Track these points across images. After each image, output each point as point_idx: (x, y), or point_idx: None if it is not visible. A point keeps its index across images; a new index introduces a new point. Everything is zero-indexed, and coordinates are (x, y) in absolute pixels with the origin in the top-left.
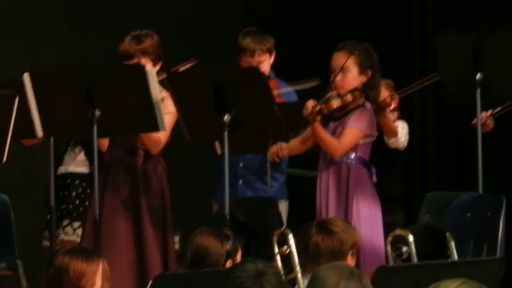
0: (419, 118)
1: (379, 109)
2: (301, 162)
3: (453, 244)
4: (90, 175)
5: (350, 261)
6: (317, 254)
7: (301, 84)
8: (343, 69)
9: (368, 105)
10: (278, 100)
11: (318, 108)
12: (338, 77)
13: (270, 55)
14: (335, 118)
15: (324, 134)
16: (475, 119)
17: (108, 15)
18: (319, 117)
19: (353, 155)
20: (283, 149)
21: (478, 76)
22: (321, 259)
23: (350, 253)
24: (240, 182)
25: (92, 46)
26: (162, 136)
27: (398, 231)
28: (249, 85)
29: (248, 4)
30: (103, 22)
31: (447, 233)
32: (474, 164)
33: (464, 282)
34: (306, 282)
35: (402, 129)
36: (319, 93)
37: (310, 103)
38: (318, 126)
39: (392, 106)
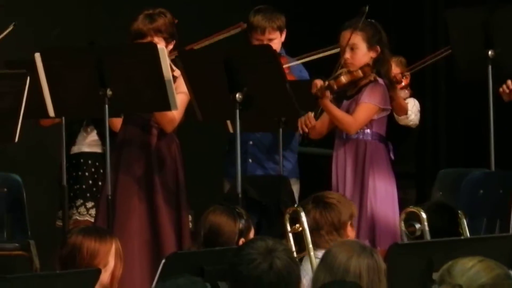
0: (430, 96)
1: (391, 85)
2: (314, 140)
3: (465, 222)
4: (103, 155)
5: (350, 232)
6: (316, 228)
7: (324, 52)
8: (351, 46)
9: (380, 80)
10: (289, 77)
11: (326, 83)
12: (348, 55)
13: (281, 33)
14: (348, 97)
15: (337, 111)
16: (503, 86)
17: None
18: (328, 93)
19: (368, 131)
20: (310, 117)
21: (490, 52)
22: (321, 232)
23: (348, 223)
24: (250, 160)
25: (101, 26)
26: (176, 114)
27: (410, 208)
28: (261, 62)
29: None
30: (113, 1)
31: (459, 212)
32: (486, 140)
33: (481, 260)
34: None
35: (412, 107)
36: (331, 71)
37: (318, 81)
38: (329, 104)
39: (403, 84)
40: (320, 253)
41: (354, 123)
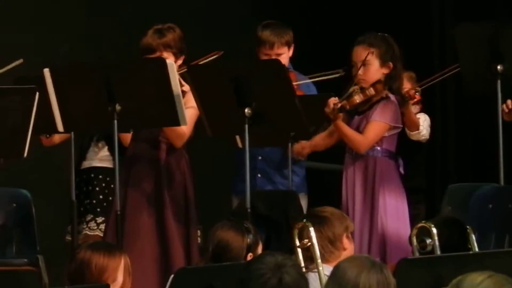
0: (440, 111)
1: (403, 101)
2: (321, 156)
3: (473, 237)
4: (113, 170)
5: (347, 244)
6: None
7: (326, 75)
8: (364, 62)
9: (392, 97)
10: (297, 92)
11: (339, 105)
12: (360, 71)
13: (289, 48)
14: (359, 112)
15: (348, 130)
16: (503, 106)
17: (125, 9)
18: (341, 114)
19: (378, 148)
20: (305, 147)
21: (499, 67)
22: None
23: (344, 235)
24: (259, 175)
25: (109, 42)
26: (186, 129)
27: (422, 223)
28: (270, 77)
29: None
30: (120, 17)
31: (468, 227)
32: (495, 156)
33: (490, 276)
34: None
35: (424, 122)
36: (340, 85)
37: (332, 101)
38: (340, 124)
39: (416, 99)
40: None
41: (364, 142)
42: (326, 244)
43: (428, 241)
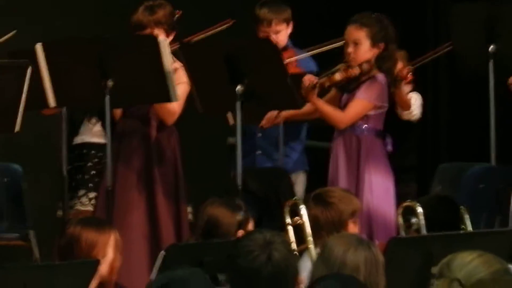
0: (432, 89)
1: (395, 81)
2: (320, 134)
3: (467, 218)
4: (105, 145)
5: (352, 229)
6: (316, 226)
7: (325, 46)
8: (355, 41)
9: (380, 76)
10: (296, 69)
11: (315, 82)
12: (350, 50)
13: (288, 25)
14: (348, 90)
15: (325, 107)
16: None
17: None
18: (315, 91)
19: (364, 126)
20: (278, 116)
21: (491, 47)
22: (322, 231)
23: (351, 221)
24: (259, 152)
25: (103, 17)
26: (176, 106)
27: (407, 203)
28: (261, 55)
29: None
30: None
31: (462, 207)
32: (487, 135)
33: (480, 255)
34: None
35: (415, 101)
36: (339, 62)
37: (306, 78)
38: (316, 101)
39: (409, 79)
40: None
41: (343, 118)
42: (331, 230)
43: (414, 220)
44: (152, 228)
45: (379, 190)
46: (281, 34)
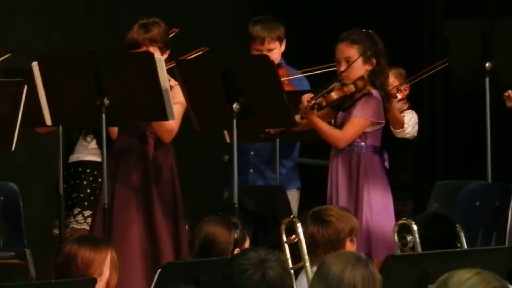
0: (428, 107)
1: (386, 96)
2: (313, 151)
3: (463, 235)
4: (101, 164)
5: (350, 247)
6: (313, 244)
7: (319, 70)
8: (347, 59)
9: (375, 92)
10: (288, 88)
11: (313, 102)
12: (342, 68)
13: (281, 43)
14: (344, 108)
15: (324, 126)
16: (509, 91)
17: (116, 1)
18: (314, 111)
19: (362, 144)
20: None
21: (487, 64)
22: (319, 250)
23: (348, 239)
24: (251, 170)
25: (99, 34)
26: (174, 125)
27: (402, 220)
28: (258, 73)
29: None
30: (110, 9)
31: (457, 225)
32: (483, 153)
33: (478, 273)
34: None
35: (409, 120)
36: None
37: (306, 97)
38: (315, 120)
39: (399, 97)
40: None
41: (342, 137)
42: (328, 249)
43: (409, 237)
44: (151, 247)
45: (378, 207)
46: (274, 52)
